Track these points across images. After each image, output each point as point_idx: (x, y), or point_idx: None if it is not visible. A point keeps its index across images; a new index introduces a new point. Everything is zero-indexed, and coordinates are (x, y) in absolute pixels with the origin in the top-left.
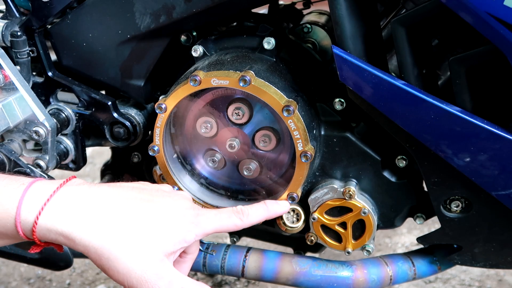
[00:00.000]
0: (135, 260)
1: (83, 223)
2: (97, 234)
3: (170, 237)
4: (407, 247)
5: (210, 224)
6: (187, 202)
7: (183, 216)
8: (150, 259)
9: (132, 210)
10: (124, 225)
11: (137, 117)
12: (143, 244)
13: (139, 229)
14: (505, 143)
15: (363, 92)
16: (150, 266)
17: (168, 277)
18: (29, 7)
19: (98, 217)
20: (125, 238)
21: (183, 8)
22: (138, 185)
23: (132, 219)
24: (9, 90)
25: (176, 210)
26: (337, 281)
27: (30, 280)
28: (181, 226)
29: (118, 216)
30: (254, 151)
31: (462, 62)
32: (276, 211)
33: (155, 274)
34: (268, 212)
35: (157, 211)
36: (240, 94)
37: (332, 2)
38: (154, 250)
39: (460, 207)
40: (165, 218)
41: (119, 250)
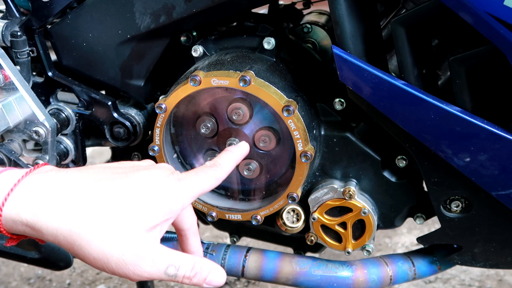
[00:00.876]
0: (110, 242)
1: (48, 211)
2: (65, 220)
3: (151, 209)
4: (407, 247)
5: (194, 187)
6: (166, 170)
7: (163, 185)
8: (127, 238)
9: (103, 189)
10: (95, 206)
11: (137, 117)
12: (117, 223)
13: (112, 207)
14: (505, 143)
15: (363, 92)
16: (128, 246)
17: (150, 256)
18: (29, 7)
19: (65, 201)
20: (97, 220)
21: (183, 8)
22: (112, 164)
23: (103, 198)
24: (9, 90)
25: (153, 180)
26: (337, 281)
27: (30, 280)
28: (162, 196)
29: (88, 198)
30: (254, 151)
31: (462, 62)
32: (241, 152)
33: (134, 254)
34: (235, 155)
35: (132, 185)
36: (240, 94)
37: (332, 2)
38: (131, 227)
39: (460, 207)
40: (142, 191)
41: (91, 233)
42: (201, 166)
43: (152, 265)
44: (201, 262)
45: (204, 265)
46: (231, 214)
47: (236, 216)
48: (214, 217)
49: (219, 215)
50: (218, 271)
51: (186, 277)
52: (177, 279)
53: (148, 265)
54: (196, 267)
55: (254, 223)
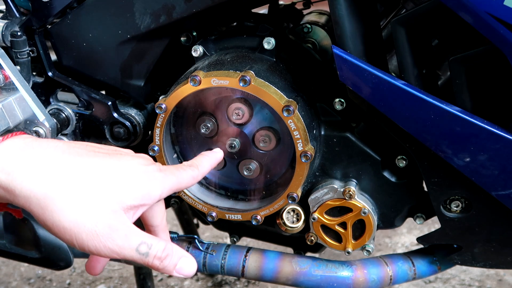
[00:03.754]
0: (84, 212)
1: (24, 171)
2: (40, 183)
3: (130, 190)
4: (407, 247)
5: (174, 180)
6: (147, 160)
7: (145, 171)
8: (102, 210)
9: (84, 161)
10: (73, 175)
11: (137, 117)
12: (94, 195)
13: (91, 179)
14: (505, 143)
15: (363, 92)
16: (102, 218)
17: (123, 230)
18: (29, 7)
19: (43, 166)
20: (73, 188)
21: (183, 8)
22: (94, 144)
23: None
24: (9, 90)
25: (136, 165)
26: (337, 281)
27: (30, 280)
28: (144, 180)
29: (67, 166)
30: (254, 151)
31: (462, 62)
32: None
33: (108, 226)
34: (210, 159)
35: (115, 165)
36: (240, 94)
37: (332, 2)
38: (107, 200)
39: (460, 207)
40: (124, 171)
41: (65, 200)
42: (180, 164)
43: (125, 239)
44: (172, 246)
45: (176, 250)
46: (231, 214)
47: (236, 216)
48: (214, 217)
49: (219, 215)
50: (190, 259)
51: (157, 257)
52: (147, 259)
53: (120, 239)
54: (168, 249)
55: (254, 223)
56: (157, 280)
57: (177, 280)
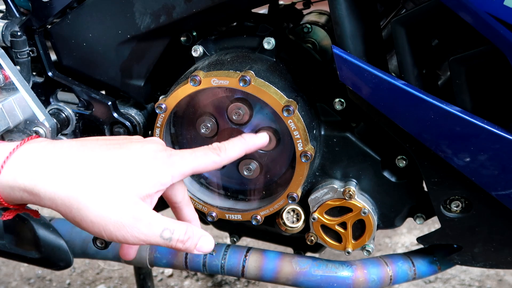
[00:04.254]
0: (108, 206)
1: (46, 175)
2: (63, 184)
3: (143, 180)
4: (407, 247)
5: (186, 164)
6: (159, 145)
7: (155, 158)
8: (124, 202)
9: (99, 156)
10: (92, 172)
11: (137, 117)
12: (114, 188)
13: (108, 173)
14: (505, 143)
15: (363, 92)
16: (126, 210)
17: (147, 219)
18: (29, 7)
19: (63, 167)
20: (94, 185)
21: (183, 8)
22: (104, 137)
23: (100, 165)
24: (9, 90)
25: (146, 152)
26: (337, 281)
27: (30, 280)
28: (154, 168)
29: (85, 164)
30: (254, 151)
31: (462, 62)
32: (255, 143)
33: (132, 217)
34: (247, 144)
35: (126, 155)
36: (240, 94)
37: (332, 2)
38: (127, 193)
39: (460, 207)
40: (136, 161)
41: (89, 197)
42: (206, 146)
43: (149, 227)
44: (192, 228)
45: (196, 230)
46: (231, 214)
47: (236, 216)
48: (214, 217)
49: (219, 215)
50: (208, 237)
51: (179, 241)
52: (171, 243)
53: (145, 227)
54: (189, 232)
55: (254, 223)
56: (157, 280)
57: (177, 280)
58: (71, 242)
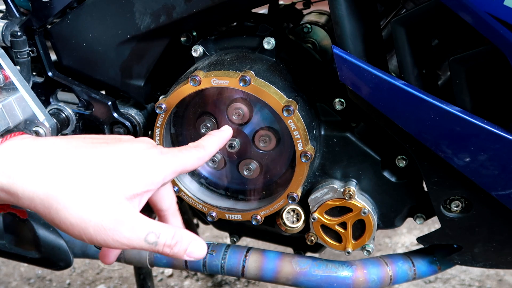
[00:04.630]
0: (89, 207)
1: (25, 174)
2: (42, 183)
3: (131, 178)
4: (407, 247)
5: (177, 162)
6: (148, 144)
7: (146, 156)
8: (106, 203)
9: (83, 154)
10: (74, 170)
11: (137, 117)
12: (97, 188)
13: (92, 172)
14: (505, 143)
15: (363, 92)
16: (108, 211)
17: (130, 222)
18: (29, 7)
19: (43, 165)
20: (75, 183)
21: (183, 8)
22: (92, 135)
23: (83, 163)
24: (9, 90)
25: (136, 150)
26: (337, 281)
27: (30, 280)
28: (145, 166)
29: (67, 162)
30: (254, 151)
31: (462, 62)
32: (223, 136)
33: (114, 219)
34: (218, 138)
35: (113, 153)
36: (240, 94)
37: (332, 2)
38: (110, 193)
39: (460, 207)
40: (123, 159)
41: (69, 197)
42: (185, 145)
43: (132, 231)
44: (181, 232)
45: (185, 235)
46: (231, 214)
47: (236, 216)
48: (214, 217)
49: (219, 215)
50: (199, 242)
51: (166, 246)
52: (157, 248)
53: (127, 231)
54: (177, 236)
55: (254, 223)
56: (157, 280)
57: (177, 280)
58: (71, 242)
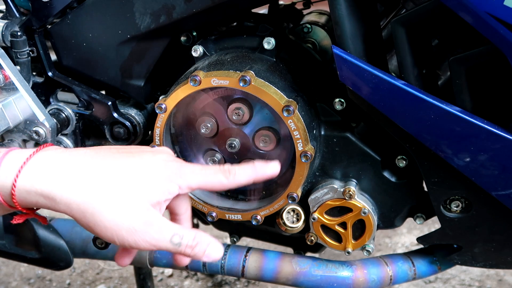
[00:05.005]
0: (121, 212)
1: (63, 181)
2: (79, 190)
3: (153, 187)
4: (407, 247)
5: (195, 178)
6: (169, 155)
7: (165, 167)
8: (136, 208)
9: (111, 164)
10: (105, 179)
11: (137, 117)
12: (126, 195)
13: (120, 181)
14: (505, 143)
15: (363, 92)
16: (138, 215)
17: (158, 224)
18: (29, 7)
19: (78, 174)
20: (108, 191)
21: (183, 8)
22: (116, 146)
23: (112, 172)
24: (9, 90)
25: (157, 161)
26: (337, 281)
27: (30, 280)
28: (164, 177)
29: (98, 171)
30: (254, 151)
31: (462, 62)
32: (265, 172)
33: (144, 222)
34: (256, 172)
35: (138, 164)
36: (240, 94)
37: (332, 2)
38: (139, 200)
39: (460, 207)
40: (146, 169)
41: (103, 203)
42: (218, 166)
43: (160, 232)
44: (201, 234)
45: (204, 237)
46: (231, 214)
47: (236, 216)
48: (214, 217)
49: (219, 215)
50: (216, 244)
51: (188, 246)
52: (180, 249)
53: (156, 233)
54: (197, 238)
55: (254, 223)
56: (157, 280)
57: (177, 280)
58: (71, 242)
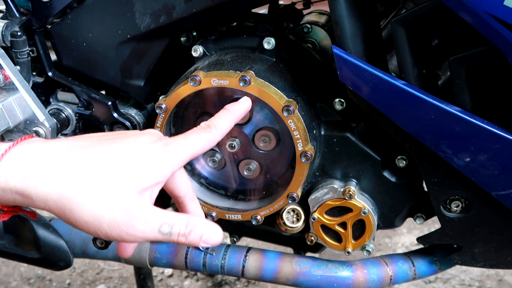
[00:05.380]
0: (101, 204)
1: (38, 175)
2: (54, 185)
3: (140, 172)
4: (407, 247)
5: (184, 150)
6: (153, 136)
7: (151, 149)
8: (117, 199)
9: (91, 153)
10: (84, 169)
11: (137, 117)
12: (107, 185)
13: (101, 170)
14: (505, 143)
15: (363, 92)
16: (119, 207)
17: (143, 215)
18: (29, 7)
19: (54, 166)
20: (86, 183)
21: (183, 8)
22: (98, 133)
23: (92, 162)
24: (9, 90)
25: (141, 144)
26: (337, 281)
27: (30, 280)
28: (151, 159)
29: (77, 162)
30: (254, 151)
31: (462, 62)
32: (240, 110)
33: (126, 214)
34: (232, 114)
35: (120, 149)
36: (240, 94)
37: (332, 2)
38: (120, 189)
39: (460, 207)
40: (130, 154)
41: (81, 196)
42: (195, 127)
43: (145, 223)
44: (195, 219)
45: (199, 222)
46: (231, 214)
47: (236, 216)
48: (214, 217)
49: (219, 215)
50: (214, 227)
51: (181, 235)
52: (172, 238)
53: (141, 224)
54: (191, 224)
55: (254, 223)
56: (157, 280)
57: (177, 280)
58: (71, 242)
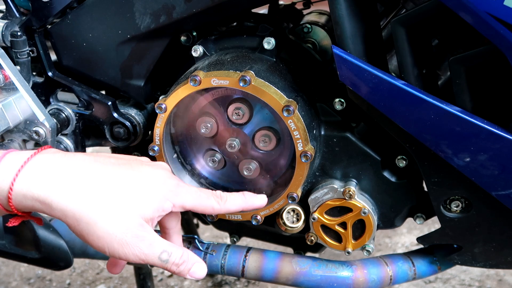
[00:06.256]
0: (115, 224)
1: (59, 187)
2: (75, 198)
3: (148, 203)
4: (407, 247)
5: (190, 199)
6: (167, 172)
7: (163, 184)
8: (130, 222)
9: (109, 174)
10: (102, 189)
11: (137, 117)
12: (121, 208)
13: (117, 192)
14: (505, 143)
15: (363, 92)
16: (130, 229)
17: (148, 240)
18: (29, 7)
19: (75, 181)
20: (104, 202)
21: (183, 8)
22: (115, 155)
23: (110, 183)
24: (9, 90)
25: (155, 177)
26: (337, 281)
27: (30, 280)
28: (160, 193)
29: (96, 180)
30: (254, 151)
31: (462, 62)
32: (254, 203)
33: (135, 236)
34: (246, 203)
35: (135, 176)
36: (240, 94)
37: (332, 2)
38: (133, 213)
39: (460, 207)
40: (144, 184)
41: (98, 214)
42: (209, 190)
43: (150, 248)
44: (188, 253)
45: (191, 256)
46: (231, 214)
47: (236, 216)
48: (214, 217)
49: (219, 215)
50: (201, 264)
51: (174, 264)
52: (167, 265)
53: (146, 248)
54: (184, 257)
55: (254, 223)
56: (157, 280)
57: (177, 280)
58: (71, 242)
